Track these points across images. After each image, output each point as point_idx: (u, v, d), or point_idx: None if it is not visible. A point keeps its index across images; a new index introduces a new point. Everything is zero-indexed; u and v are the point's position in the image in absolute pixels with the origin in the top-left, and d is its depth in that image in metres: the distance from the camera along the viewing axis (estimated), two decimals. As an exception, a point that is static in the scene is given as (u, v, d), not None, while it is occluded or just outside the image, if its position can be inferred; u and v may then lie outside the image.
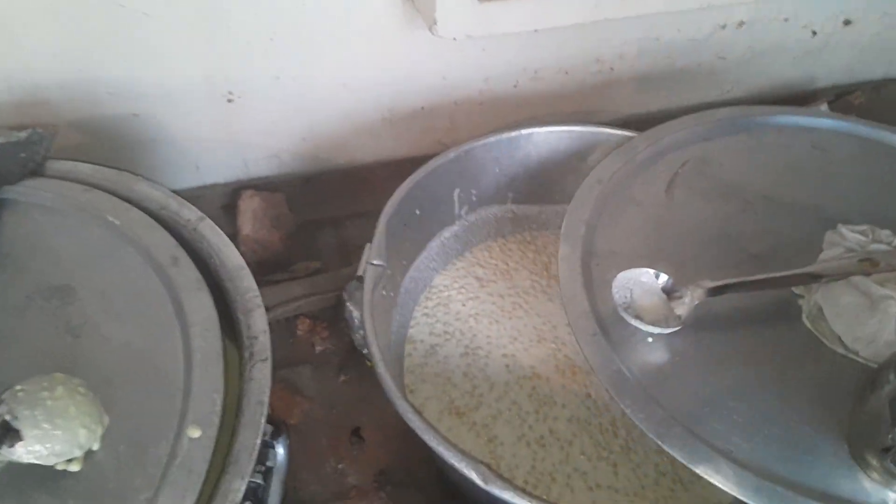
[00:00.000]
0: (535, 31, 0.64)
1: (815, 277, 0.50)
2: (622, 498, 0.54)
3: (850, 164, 0.62)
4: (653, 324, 0.48)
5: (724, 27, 0.75)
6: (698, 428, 0.44)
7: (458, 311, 0.64)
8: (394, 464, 0.58)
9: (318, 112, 0.69)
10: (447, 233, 0.66)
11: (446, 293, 0.65)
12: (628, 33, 0.72)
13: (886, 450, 0.40)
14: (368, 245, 0.56)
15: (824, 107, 0.83)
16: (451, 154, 0.62)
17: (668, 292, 0.50)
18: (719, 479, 0.41)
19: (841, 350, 0.48)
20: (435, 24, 0.59)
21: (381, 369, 0.49)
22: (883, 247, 0.52)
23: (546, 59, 0.72)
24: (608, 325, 0.48)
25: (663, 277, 0.50)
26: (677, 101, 0.82)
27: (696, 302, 0.48)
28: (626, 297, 0.49)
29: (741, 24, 0.75)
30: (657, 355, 0.48)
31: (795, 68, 0.84)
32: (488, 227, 0.69)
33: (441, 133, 0.75)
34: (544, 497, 0.51)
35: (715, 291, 0.49)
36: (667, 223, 0.56)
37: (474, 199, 0.67)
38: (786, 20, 0.77)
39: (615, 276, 0.50)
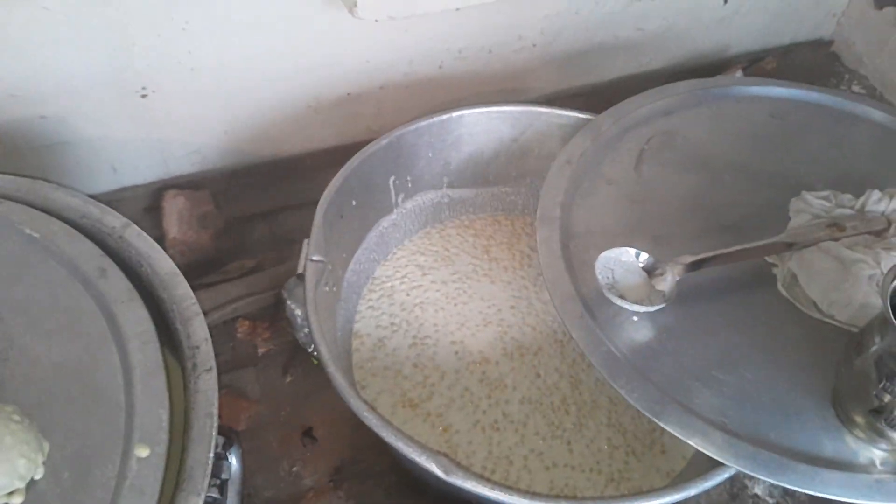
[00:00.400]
0: (457, 9, 0.63)
1: (787, 246, 0.51)
2: (579, 475, 0.55)
3: (807, 131, 0.63)
4: (637, 302, 0.48)
5: (640, -2, 0.76)
6: (691, 403, 0.44)
7: (402, 302, 0.63)
8: (349, 459, 0.57)
9: (239, 103, 0.67)
10: (385, 222, 0.65)
11: (389, 284, 0.64)
12: (548, 7, 0.72)
13: (875, 410, 0.42)
14: (306, 241, 0.54)
15: (739, 73, 0.86)
16: (384, 141, 0.61)
17: (649, 270, 0.50)
18: (715, 451, 0.42)
19: (817, 315, 0.50)
20: (355, 5, 0.58)
21: (332, 368, 0.48)
22: (847, 211, 0.54)
23: (469, 37, 0.71)
24: (593, 306, 0.49)
25: (643, 256, 0.50)
26: (600, 76, 0.83)
27: (678, 278, 0.49)
28: (608, 278, 0.50)
29: (656, -7, 0.76)
30: (644, 333, 0.48)
31: (709, 37, 0.86)
32: (426, 213, 0.69)
33: (369, 119, 0.74)
34: (503, 482, 0.51)
35: (693, 266, 0.49)
36: (639, 200, 0.57)
37: (410, 185, 0.66)
38: (698, -12, 0.79)
39: (596, 257, 0.50)
